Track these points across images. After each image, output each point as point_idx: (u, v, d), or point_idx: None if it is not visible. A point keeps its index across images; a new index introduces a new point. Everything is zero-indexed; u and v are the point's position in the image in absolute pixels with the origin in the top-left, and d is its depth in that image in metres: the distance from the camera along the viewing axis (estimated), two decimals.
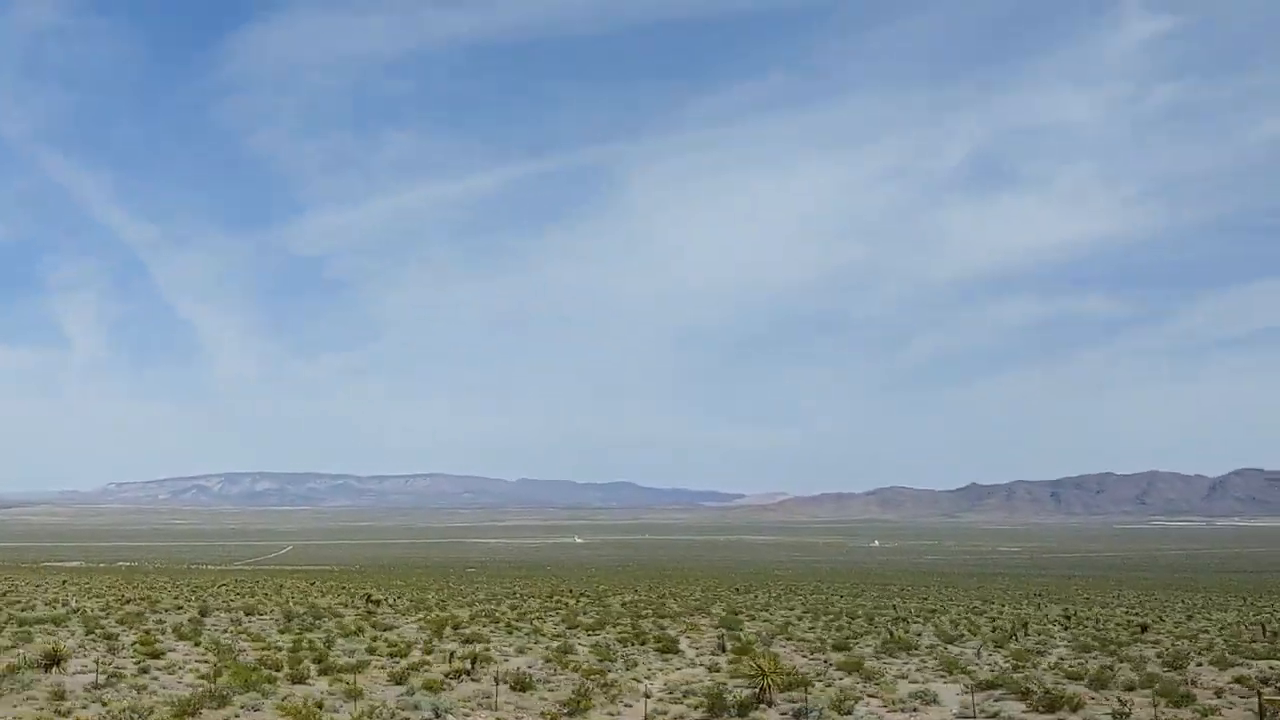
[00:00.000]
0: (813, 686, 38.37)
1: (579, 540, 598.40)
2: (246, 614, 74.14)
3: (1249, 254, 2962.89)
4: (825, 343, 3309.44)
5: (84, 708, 32.07)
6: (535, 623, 70.10)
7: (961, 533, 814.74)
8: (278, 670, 41.11)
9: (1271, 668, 47.21)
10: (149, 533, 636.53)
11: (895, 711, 35.95)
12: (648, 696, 36.91)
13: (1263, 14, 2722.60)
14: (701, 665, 47.95)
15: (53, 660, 40.56)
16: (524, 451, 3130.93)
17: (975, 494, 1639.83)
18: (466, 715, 33.63)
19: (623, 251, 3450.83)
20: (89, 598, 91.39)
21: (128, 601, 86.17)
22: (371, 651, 50.38)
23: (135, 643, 50.61)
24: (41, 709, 31.92)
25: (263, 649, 50.01)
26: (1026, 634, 65.63)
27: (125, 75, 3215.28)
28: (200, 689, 34.76)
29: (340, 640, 55.00)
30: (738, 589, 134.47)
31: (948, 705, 37.02)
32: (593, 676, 40.99)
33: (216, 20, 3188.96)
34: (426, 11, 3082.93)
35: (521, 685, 38.55)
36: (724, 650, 53.22)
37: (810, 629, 69.15)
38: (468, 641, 55.35)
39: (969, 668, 46.45)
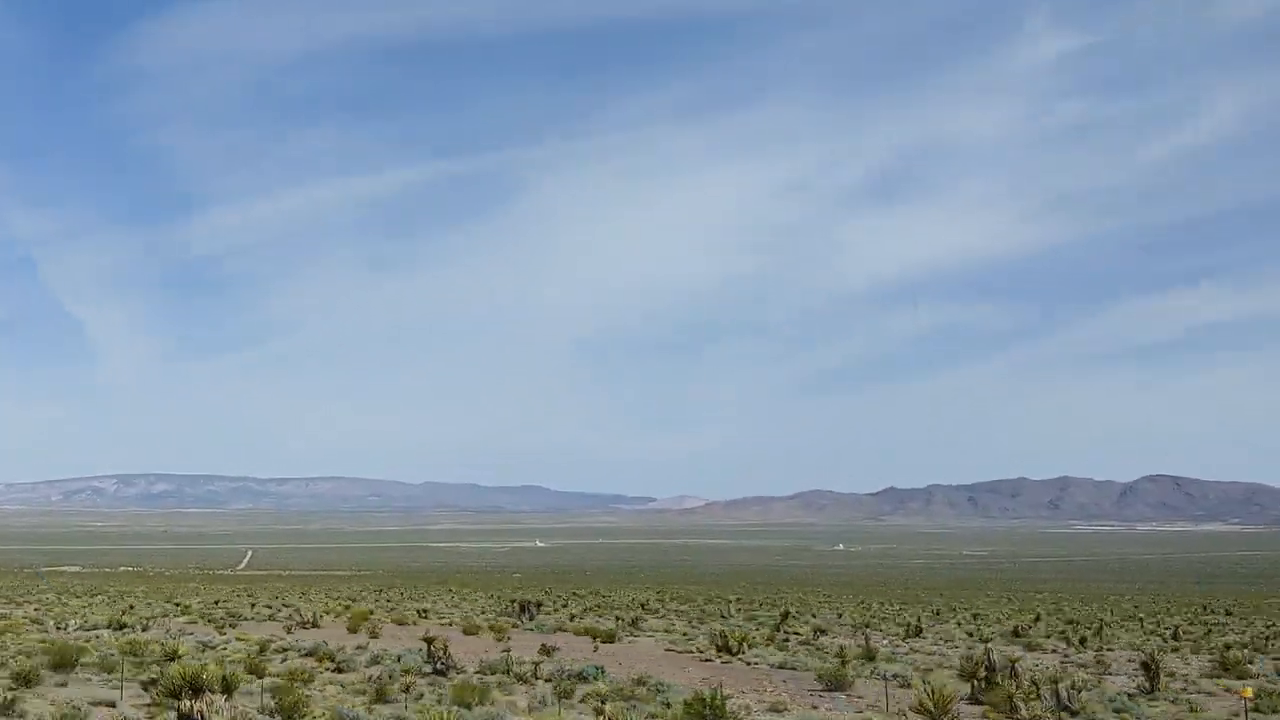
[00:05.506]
0: None
1: (540, 544, 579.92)
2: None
3: (1145, 269, 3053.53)
4: (733, 349, 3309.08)
5: None
6: None
7: (898, 536, 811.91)
8: None
9: None
10: (80, 535, 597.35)
11: None
12: None
13: (1165, 36, 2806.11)
14: None
15: None
16: (427, 454, 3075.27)
17: (895, 497, 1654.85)
18: None
19: (529, 255, 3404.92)
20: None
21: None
22: None
23: None
24: None
25: None
26: None
27: (18, 65, 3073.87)
28: None
29: None
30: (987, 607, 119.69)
31: None
32: None
33: (115, 12, 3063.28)
34: (332, 9, 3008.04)
35: None
36: None
37: None
38: None
39: None
